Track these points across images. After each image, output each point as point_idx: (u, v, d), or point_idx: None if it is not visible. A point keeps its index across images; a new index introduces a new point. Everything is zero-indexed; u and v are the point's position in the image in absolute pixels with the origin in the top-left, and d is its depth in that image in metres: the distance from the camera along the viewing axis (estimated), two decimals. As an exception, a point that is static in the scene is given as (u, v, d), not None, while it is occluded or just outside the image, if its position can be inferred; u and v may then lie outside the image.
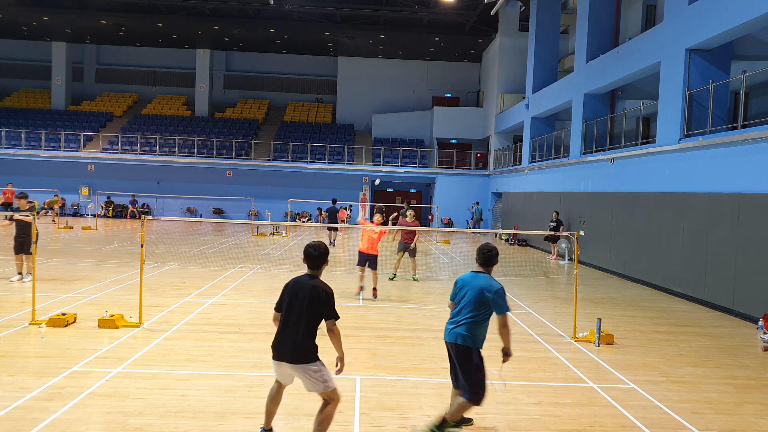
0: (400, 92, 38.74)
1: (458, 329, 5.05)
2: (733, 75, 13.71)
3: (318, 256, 4.67)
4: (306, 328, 4.50)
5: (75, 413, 5.21)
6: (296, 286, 4.63)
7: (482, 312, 5.06)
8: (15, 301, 9.57)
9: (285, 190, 33.07)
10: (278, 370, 4.66)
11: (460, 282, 5.22)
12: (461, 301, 5.12)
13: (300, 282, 4.65)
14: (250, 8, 30.65)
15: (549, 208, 21.04)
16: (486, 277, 5.12)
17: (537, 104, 24.83)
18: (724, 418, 5.73)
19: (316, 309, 4.53)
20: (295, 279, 4.71)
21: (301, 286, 4.61)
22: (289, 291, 4.65)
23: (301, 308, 4.52)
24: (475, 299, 5.03)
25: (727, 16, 11.82)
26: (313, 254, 4.67)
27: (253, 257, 17.07)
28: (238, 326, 8.62)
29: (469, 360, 5.01)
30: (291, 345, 4.50)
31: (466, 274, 5.26)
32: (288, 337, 4.52)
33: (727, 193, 11.26)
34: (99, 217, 31.03)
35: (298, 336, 4.48)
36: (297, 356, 4.49)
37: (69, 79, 38.66)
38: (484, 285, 5.04)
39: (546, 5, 25.11)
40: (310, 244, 4.74)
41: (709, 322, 10.28)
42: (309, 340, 4.52)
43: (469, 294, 5.07)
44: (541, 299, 11.87)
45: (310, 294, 4.53)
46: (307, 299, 4.53)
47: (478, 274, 5.18)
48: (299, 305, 4.53)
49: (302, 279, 4.68)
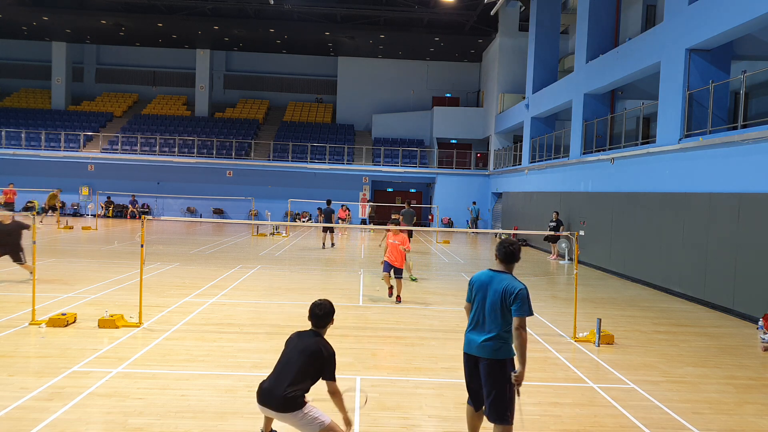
0: (400, 92, 38.75)
1: (490, 343, 4.41)
2: (733, 75, 13.71)
3: (323, 316, 4.63)
4: (301, 383, 4.36)
5: (75, 413, 5.21)
6: (300, 338, 4.62)
7: (510, 318, 4.41)
8: (15, 301, 9.57)
9: (285, 190, 33.07)
10: (263, 412, 4.52)
11: (477, 282, 4.60)
12: (481, 306, 4.52)
13: (304, 336, 4.65)
14: (250, 8, 30.65)
15: (549, 208, 21.05)
16: (509, 278, 4.48)
17: (537, 104, 24.83)
18: (724, 418, 5.73)
19: (315, 366, 4.43)
20: (299, 332, 4.72)
21: (305, 340, 4.58)
22: (290, 341, 4.67)
23: (299, 360, 4.41)
24: (500, 305, 4.41)
25: (727, 16, 11.82)
26: (318, 314, 4.63)
27: (253, 257, 17.07)
28: (238, 326, 8.62)
29: (503, 374, 4.39)
30: (280, 394, 4.29)
31: (483, 273, 4.62)
32: (278, 386, 4.33)
33: (727, 193, 11.26)
34: (99, 217, 31.03)
35: (290, 387, 4.30)
36: (285, 406, 4.30)
37: (69, 79, 38.66)
38: (506, 287, 4.41)
39: (546, 5, 25.11)
40: (315, 304, 4.70)
41: (709, 322, 10.28)
42: (300, 392, 4.35)
43: (491, 299, 4.46)
44: (541, 299, 11.87)
45: (313, 350, 4.46)
46: (309, 354, 4.44)
47: (498, 274, 4.54)
48: (298, 357, 4.44)
49: (307, 334, 4.66)
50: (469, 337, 4.56)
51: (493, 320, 4.43)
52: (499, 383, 4.38)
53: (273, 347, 7.57)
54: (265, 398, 4.38)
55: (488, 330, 4.44)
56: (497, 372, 4.38)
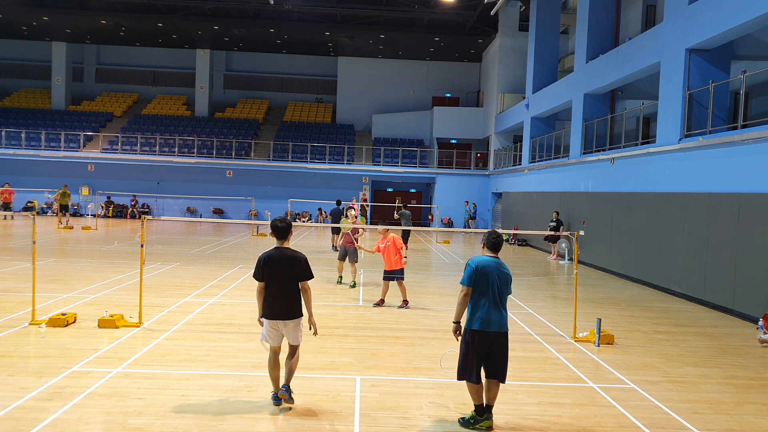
0: (400, 92, 38.74)
1: (505, 318, 5.28)
2: (733, 75, 13.70)
3: (284, 228, 5.58)
4: (294, 290, 5.51)
5: (75, 413, 5.21)
6: (273, 258, 5.49)
7: None
8: (15, 301, 9.56)
9: (285, 190, 33.06)
10: (272, 330, 5.50)
11: (486, 267, 5.21)
12: (493, 288, 5.19)
13: (274, 254, 5.51)
14: (250, 8, 30.66)
15: (549, 208, 21.04)
16: (503, 263, 5.36)
17: (537, 104, 24.83)
18: (724, 418, 5.73)
19: (296, 273, 5.50)
20: (267, 253, 5.53)
21: (279, 257, 5.49)
22: (267, 263, 5.49)
23: (285, 275, 5.45)
24: (508, 286, 5.31)
25: (727, 16, 11.82)
26: (279, 226, 5.57)
27: (253, 257, 17.06)
28: (238, 326, 8.62)
29: (507, 343, 5.34)
30: (285, 304, 5.45)
31: (487, 259, 5.29)
32: (281, 299, 5.45)
33: (727, 193, 11.26)
34: (99, 217, 31.03)
35: (288, 297, 5.47)
36: (292, 313, 5.49)
37: (69, 79, 38.66)
38: (508, 271, 5.34)
39: (546, 5, 25.11)
40: (277, 219, 5.63)
41: (709, 322, 10.28)
42: (298, 299, 5.53)
43: (501, 281, 5.25)
44: (541, 299, 11.87)
45: (290, 262, 5.48)
46: (289, 266, 5.47)
47: (497, 260, 5.32)
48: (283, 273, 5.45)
49: (274, 252, 5.53)
50: (489, 317, 5.18)
51: (503, 300, 5.27)
52: (507, 348, 5.33)
53: (273, 347, 7.58)
54: (278, 311, 5.45)
55: (503, 308, 5.28)
56: (505, 342, 5.31)
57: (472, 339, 5.19)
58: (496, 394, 5.31)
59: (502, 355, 5.24)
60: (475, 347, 5.18)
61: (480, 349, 5.18)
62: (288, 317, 5.45)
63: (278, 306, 5.44)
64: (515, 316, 10.13)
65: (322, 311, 9.78)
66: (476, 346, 5.17)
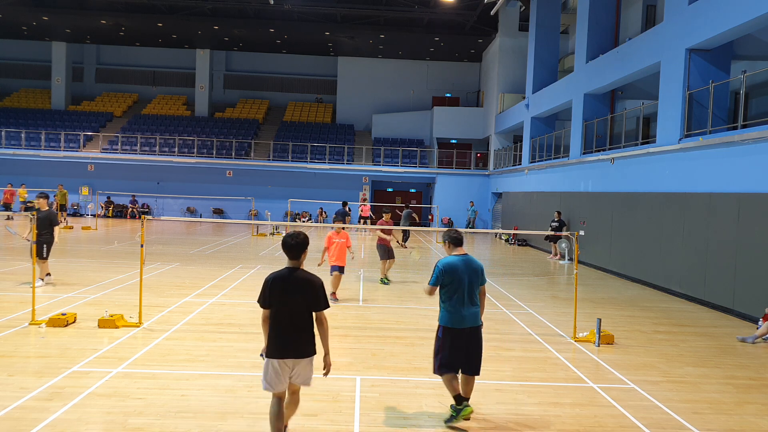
0: (400, 92, 38.74)
1: (477, 312, 5.39)
2: (733, 75, 13.70)
3: (296, 246, 4.54)
4: (307, 322, 4.48)
5: (75, 413, 5.21)
6: (282, 281, 4.47)
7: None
8: (15, 301, 9.57)
9: (285, 190, 33.06)
10: (278, 372, 4.44)
11: (452, 267, 5.34)
12: (464, 285, 5.30)
13: (285, 276, 4.49)
14: (250, 8, 30.65)
15: (549, 208, 21.04)
16: (471, 257, 5.49)
17: (537, 104, 24.83)
18: (724, 418, 5.73)
19: (309, 300, 4.48)
20: (276, 274, 4.53)
21: (290, 280, 4.46)
22: (275, 286, 4.47)
23: (296, 302, 4.43)
24: (478, 280, 5.41)
25: (727, 16, 11.82)
26: (291, 244, 4.53)
27: (253, 257, 17.07)
28: (238, 326, 8.62)
29: (481, 336, 5.44)
30: (296, 339, 4.44)
31: (453, 259, 5.41)
32: (291, 333, 4.44)
33: (727, 193, 11.25)
34: (99, 217, 31.03)
35: (302, 331, 4.46)
36: (304, 350, 4.48)
37: (69, 79, 38.66)
38: (478, 264, 5.45)
39: (546, 5, 25.11)
40: (288, 235, 4.61)
41: (709, 322, 10.28)
42: (311, 333, 4.52)
43: (472, 276, 5.36)
44: (541, 299, 11.87)
45: (302, 287, 4.46)
46: (301, 292, 4.45)
47: (465, 257, 5.44)
48: (293, 299, 4.43)
49: (284, 273, 4.52)
50: (462, 314, 5.30)
51: (474, 295, 5.38)
52: (481, 340, 5.43)
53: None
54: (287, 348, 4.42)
55: (474, 303, 5.38)
56: (479, 335, 5.41)
57: (445, 336, 5.33)
58: (472, 387, 5.44)
59: (477, 350, 5.37)
60: (450, 343, 5.30)
61: (455, 345, 5.30)
62: (299, 355, 4.44)
63: (288, 341, 4.43)
64: (515, 316, 10.13)
65: (322, 311, 9.78)
66: (452, 343, 5.30)
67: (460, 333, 5.28)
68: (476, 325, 5.36)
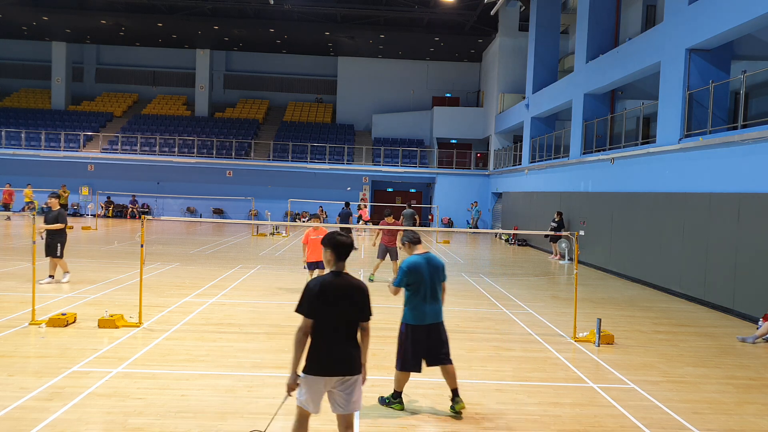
0: (400, 92, 38.74)
1: (440, 309, 5.66)
2: (733, 75, 13.70)
3: (349, 245, 4.09)
4: (355, 333, 4.03)
5: (75, 413, 5.21)
6: (330, 287, 3.97)
7: None
8: (15, 301, 9.57)
9: (285, 190, 33.06)
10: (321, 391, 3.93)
11: (415, 267, 5.54)
12: (427, 283, 5.52)
13: (331, 281, 3.99)
14: (250, 8, 30.65)
15: (549, 208, 21.04)
16: (432, 255, 5.75)
17: (537, 104, 24.83)
18: (724, 418, 5.73)
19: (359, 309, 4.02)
20: (321, 280, 4.00)
21: (339, 286, 3.98)
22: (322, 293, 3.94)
23: (345, 310, 3.96)
24: (440, 277, 5.66)
25: (727, 16, 11.82)
26: (344, 242, 4.05)
27: (253, 257, 17.07)
28: (238, 326, 8.62)
29: (444, 329, 5.68)
30: (347, 353, 3.94)
31: (416, 258, 5.62)
32: (341, 346, 3.94)
33: (727, 193, 11.25)
34: (99, 217, 31.03)
35: (349, 344, 3.98)
36: (354, 365, 3.95)
37: (69, 79, 38.66)
38: (439, 262, 5.72)
39: (546, 5, 25.11)
40: (337, 232, 4.15)
41: (709, 322, 10.28)
42: (358, 345, 4.06)
43: (435, 274, 5.61)
44: (541, 299, 11.87)
45: (352, 294, 3.99)
46: (351, 300, 3.98)
47: (426, 255, 5.68)
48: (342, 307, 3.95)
49: (331, 278, 4.02)
50: (424, 311, 5.52)
51: (437, 291, 5.62)
52: (445, 333, 5.69)
53: (273, 347, 7.58)
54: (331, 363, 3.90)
55: (437, 300, 5.62)
56: (443, 329, 5.67)
57: (407, 332, 5.54)
58: (454, 375, 5.56)
59: (441, 342, 5.58)
60: (412, 340, 5.50)
61: (417, 341, 5.50)
62: (347, 371, 3.92)
63: (335, 355, 3.91)
64: (515, 316, 10.14)
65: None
66: (413, 339, 5.50)
67: (421, 329, 5.49)
68: (437, 321, 5.57)
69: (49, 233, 11.15)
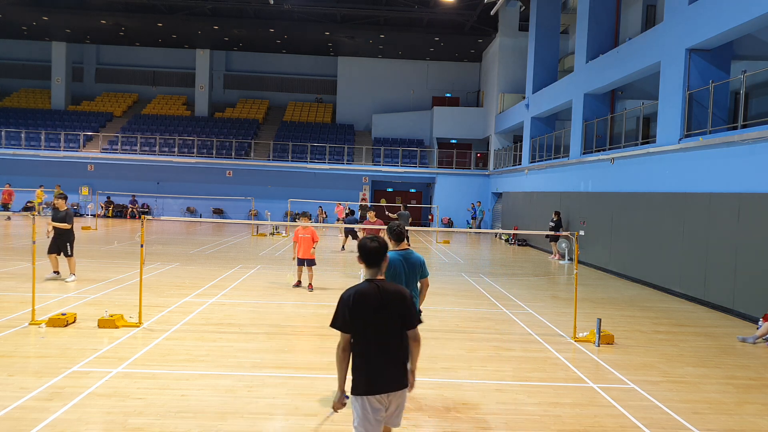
0: (400, 92, 38.74)
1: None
2: (733, 75, 13.70)
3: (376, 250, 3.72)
4: (401, 344, 3.70)
5: (75, 413, 5.21)
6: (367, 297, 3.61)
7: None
8: (15, 301, 9.57)
9: (285, 190, 33.07)
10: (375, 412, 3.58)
11: (390, 263, 5.49)
12: (400, 278, 5.60)
13: (367, 290, 3.63)
14: (250, 8, 30.65)
15: (549, 208, 21.05)
16: (411, 251, 5.82)
17: (537, 104, 24.83)
18: (724, 418, 5.73)
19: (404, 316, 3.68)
20: (357, 289, 3.64)
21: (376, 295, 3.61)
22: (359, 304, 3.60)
23: (387, 321, 3.61)
24: (416, 273, 5.75)
25: (727, 16, 11.82)
26: (370, 247, 3.70)
27: (253, 257, 17.06)
28: (238, 326, 8.62)
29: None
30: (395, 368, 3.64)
31: (392, 254, 5.54)
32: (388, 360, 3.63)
33: (727, 193, 11.26)
34: (99, 217, 31.02)
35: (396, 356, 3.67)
36: (402, 379, 3.67)
37: (69, 79, 38.65)
38: (416, 258, 5.79)
39: (546, 5, 25.11)
40: (367, 237, 3.78)
41: (709, 322, 10.28)
42: (406, 357, 3.75)
43: (410, 270, 5.70)
44: (541, 299, 11.87)
45: (395, 301, 3.64)
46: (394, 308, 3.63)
47: (405, 252, 5.75)
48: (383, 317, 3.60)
49: (366, 286, 3.65)
50: None
51: (413, 288, 5.74)
52: None
53: (273, 347, 7.58)
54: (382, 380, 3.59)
55: (414, 295, 5.75)
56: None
57: None
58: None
59: None
60: None
61: None
62: (396, 386, 3.63)
63: (382, 370, 3.60)
64: (515, 316, 10.13)
65: (323, 311, 9.79)
66: None
67: None
68: None
69: (57, 232, 11.63)
